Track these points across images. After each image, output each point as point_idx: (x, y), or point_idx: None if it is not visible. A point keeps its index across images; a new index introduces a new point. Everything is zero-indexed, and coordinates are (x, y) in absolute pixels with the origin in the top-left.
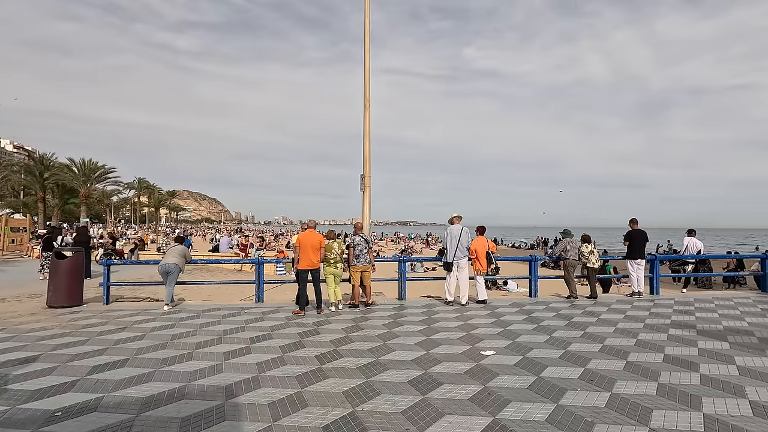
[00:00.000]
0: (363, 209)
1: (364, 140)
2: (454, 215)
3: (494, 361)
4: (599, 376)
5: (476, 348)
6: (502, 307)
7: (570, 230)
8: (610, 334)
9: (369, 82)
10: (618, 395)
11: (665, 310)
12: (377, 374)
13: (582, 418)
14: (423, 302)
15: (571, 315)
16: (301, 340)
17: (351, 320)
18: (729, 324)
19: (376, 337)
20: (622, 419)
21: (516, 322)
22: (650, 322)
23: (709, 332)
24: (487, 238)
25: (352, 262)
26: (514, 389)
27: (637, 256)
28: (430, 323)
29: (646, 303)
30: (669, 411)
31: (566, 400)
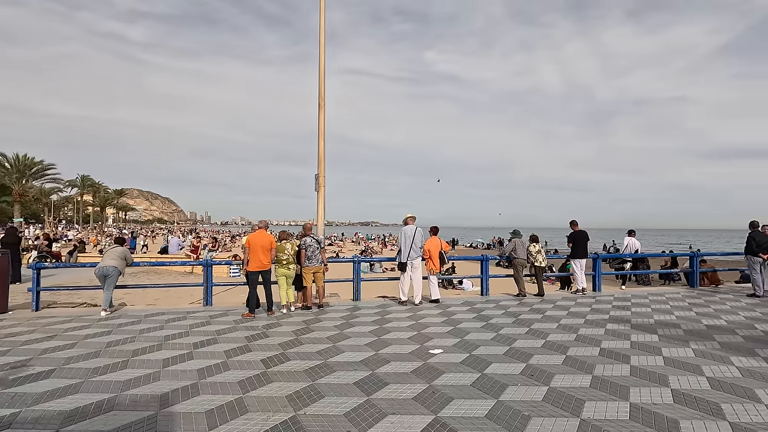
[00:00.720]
0: (317, 209)
1: (318, 140)
2: (408, 216)
3: (441, 360)
4: (539, 371)
5: (425, 347)
6: (454, 306)
7: (519, 231)
8: (553, 330)
9: (324, 81)
10: (555, 389)
11: (605, 306)
12: (323, 376)
13: (519, 413)
14: (377, 303)
15: (519, 312)
16: (248, 343)
17: (302, 322)
18: (660, 318)
19: (326, 339)
20: (557, 412)
21: (466, 321)
22: (590, 318)
23: (641, 326)
24: (441, 238)
25: (303, 264)
26: (457, 387)
27: (580, 255)
28: (383, 323)
29: (588, 300)
30: (600, 402)
31: (507, 395)
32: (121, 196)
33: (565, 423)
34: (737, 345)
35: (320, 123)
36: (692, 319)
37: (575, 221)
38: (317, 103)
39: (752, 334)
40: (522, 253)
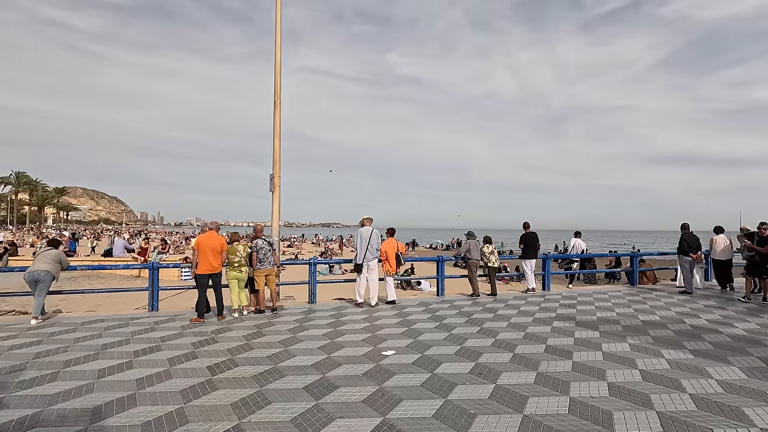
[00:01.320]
0: (272, 210)
1: (274, 139)
2: (364, 217)
3: (393, 361)
4: (488, 369)
5: (378, 349)
6: (410, 307)
7: (474, 232)
8: (503, 328)
9: (280, 78)
10: (501, 386)
11: (553, 304)
12: (272, 382)
13: (466, 411)
14: (333, 305)
15: (472, 312)
16: (194, 350)
17: (254, 327)
18: (602, 315)
19: (278, 343)
20: (501, 408)
21: (420, 321)
22: (539, 316)
23: (585, 323)
24: (401, 239)
25: (255, 267)
26: (407, 387)
27: (530, 256)
28: (337, 326)
29: (537, 298)
30: (542, 397)
31: (455, 394)
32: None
33: (509, 419)
34: (668, 339)
35: (276, 122)
36: (630, 316)
37: (527, 223)
38: (273, 101)
39: (681, 328)
40: (476, 253)
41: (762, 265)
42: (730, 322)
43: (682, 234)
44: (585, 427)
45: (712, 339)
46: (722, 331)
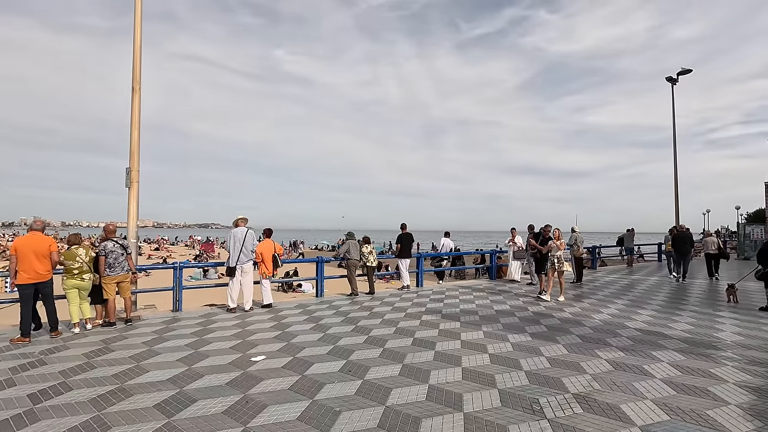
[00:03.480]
0: (129, 208)
1: (132, 128)
2: (239, 217)
3: (262, 366)
4: (357, 366)
5: (248, 355)
6: (287, 309)
7: (353, 233)
8: (376, 325)
9: (140, 60)
10: (368, 381)
11: (424, 299)
12: (115, 404)
13: (331, 409)
14: (202, 312)
15: (349, 311)
16: (12, 376)
17: (100, 342)
18: (464, 307)
19: (128, 359)
20: (366, 403)
21: (296, 324)
22: (411, 311)
23: (449, 315)
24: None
25: (104, 273)
26: (274, 392)
27: (405, 255)
28: (204, 334)
29: (411, 295)
30: (404, 387)
31: (322, 393)
32: None
33: (372, 412)
34: (514, 325)
35: (134, 109)
36: (487, 306)
37: (404, 224)
38: (131, 86)
39: (525, 315)
40: (356, 254)
41: (542, 262)
42: (561, 307)
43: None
44: (439, 410)
45: (547, 323)
46: (555, 315)
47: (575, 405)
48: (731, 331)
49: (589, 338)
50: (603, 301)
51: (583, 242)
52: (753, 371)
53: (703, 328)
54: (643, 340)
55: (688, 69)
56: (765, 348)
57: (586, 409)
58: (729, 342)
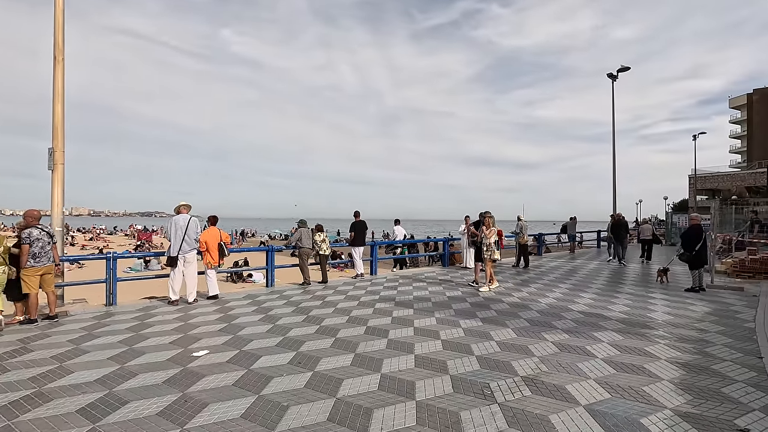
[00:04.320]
0: (53, 193)
1: (54, 103)
2: (181, 204)
3: (205, 362)
4: (307, 357)
5: (189, 350)
6: (235, 300)
7: (305, 220)
8: (329, 314)
9: (63, 26)
10: (319, 372)
11: (378, 287)
12: (29, 411)
13: (279, 404)
14: (141, 305)
15: (300, 301)
16: None
17: (17, 342)
18: (417, 294)
19: (50, 359)
20: (316, 395)
21: (244, 315)
22: (364, 300)
23: (403, 303)
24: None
25: (25, 264)
26: (216, 389)
27: (359, 243)
28: (140, 329)
29: (365, 283)
30: (356, 377)
31: (270, 388)
32: None
33: (322, 405)
34: (466, 311)
35: (57, 81)
36: (440, 293)
37: (357, 212)
38: (53, 55)
39: (476, 301)
40: (308, 242)
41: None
42: (509, 292)
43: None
44: (391, 399)
45: (497, 308)
46: (504, 300)
47: (524, 388)
48: (662, 311)
49: (536, 322)
50: (548, 285)
51: (528, 229)
52: (682, 348)
53: (637, 309)
54: (585, 322)
55: (627, 66)
56: (691, 326)
57: (535, 392)
58: (660, 321)
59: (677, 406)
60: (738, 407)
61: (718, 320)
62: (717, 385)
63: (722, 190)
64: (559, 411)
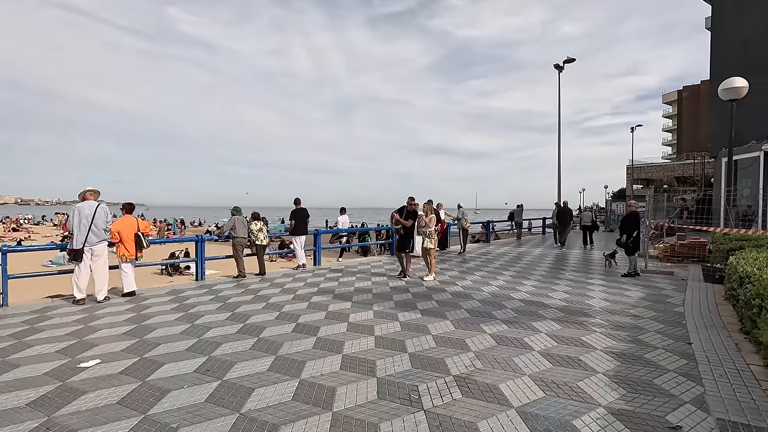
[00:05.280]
0: None
1: None
2: (86, 189)
3: (92, 374)
4: (219, 363)
5: (77, 360)
6: (154, 297)
7: (240, 207)
8: (258, 310)
9: None
10: (227, 382)
11: (319, 279)
12: None
13: (167, 425)
14: (38, 305)
15: (230, 296)
16: None
17: None
18: (359, 285)
19: None
20: (216, 411)
21: (159, 315)
22: (301, 292)
23: (342, 295)
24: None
25: None
26: (95, 410)
27: (300, 232)
28: (27, 335)
29: (305, 274)
30: (269, 386)
31: (162, 405)
32: None
33: (220, 423)
34: (406, 302)
35: None
36: (383, 284)
37: (298, 199)
38: None
39: (419, 291)
40: (243, 231)
41: (405, 238)
42: (453, 281)
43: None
44: (304, 411)
45: (439, 298)
46: (447, 290)
47: (455, 389)
48: (600, 297)
49: (477, 312)
50: (493, 273)
51: (468, 215)
52: (617, 336)
53: (576, 296)
54: (525, 311)
55: (572, 58)
56: (626, 312)
57: (466, 393)
58: (598, 308)
59: (611, 403)
60: (670, 401)
61: (651, 305)
62: (650, 375)
63: (655, 179)
64: (489, 416)
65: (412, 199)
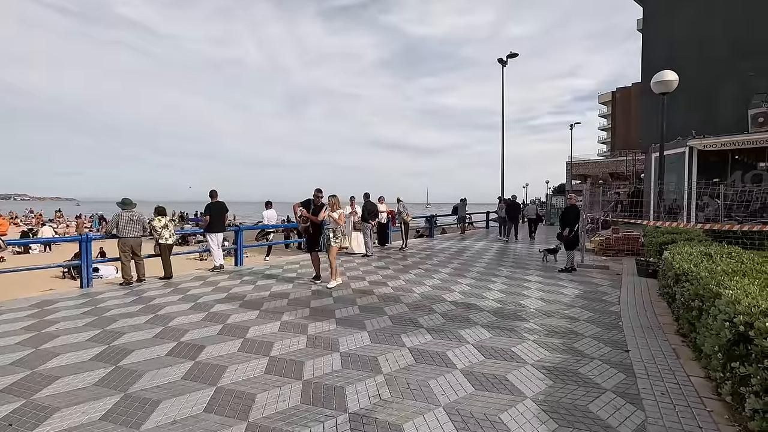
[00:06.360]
0: None
1: None
2: None
3: None
4: (40, 408)
5: None
6: (12, 312)
7: (129, 200)
8: (138, 326)
9: None
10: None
11: (234, 282)
12: None
13: None
14: None
15: (111, 307)
16: None
17: None
18: (277, 289)
19: None
20: None
21: (7, 336)
22: (205, 300)
23: (252, 302)
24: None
25: None
26: None
27: (217, 229)
28: None
29: (220, 277)
30: None
31: None
32: None
33: None
34: (324, 309)
35: None
36: (304, 286)
37: (214, 191)
38: None
39: (343, 294)
40: (130, 229)
41: (315, 237)
42: (385, 281)
43: (365, 203)
44: None
45: (363, 302)
46: (375, 292)
47: None
48: (535, 297)
49: (402, 319)
50: (430, 270)
51: (408, 209)
52: (551, 345)
53: (512, 296)
54: (455, 316)
55: (515, 53)
56: (561, 314)
57: None
58: (532, 310)
59: None
60: None
61: (587, 304)
62: (585, 399)
63: (591, 175)
64: None
65: (318, 191)
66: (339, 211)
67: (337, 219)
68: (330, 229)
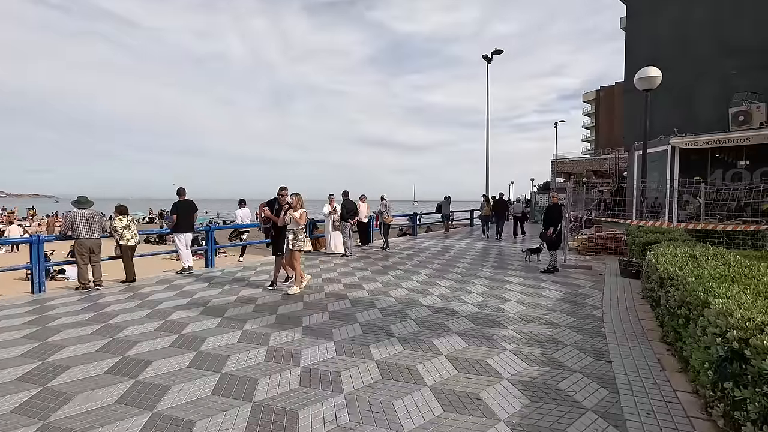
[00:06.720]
0: None
1: None
2: None
3: None
4: None
5: None
6: None
7: (86, 197)
8: (83, 338)
9: None
10: None
11: (200, 286)
12: None
13: None
14: None
15: (60, 314)
16: None
17: None
18: (246, 293)
19: None
20: None
21: None
22: (165, 306)
23: (215, 308)
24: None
25: None
26: None
27: (184, 229)
28: None
29: (186, 280)
30: None
31: None
32: None
33: None
34: (291, 316)
35: None
36: (274, 291)
37: (182, 189)
38: None
39: (313, 299)
40: (86, 230)
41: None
42: (361, 283)
43: (343, 201)
44: None
45: (334, 308)
46: (348, 296)
47: None
48: (516, 300)
49: (373, 327)
50: (409, 271)
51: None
52: (529, 355)
53: (491, 299)
54: (430, 322)
55: (500, 50)
56: (541, 319)
57: None
58: (512, 315)
59: None
60: None
61: (569, 308)
62: (564, 421)
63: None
64: None
65: (283, 189)
66: (301, 210)
67: (298, 219)
68: (291, 230)
